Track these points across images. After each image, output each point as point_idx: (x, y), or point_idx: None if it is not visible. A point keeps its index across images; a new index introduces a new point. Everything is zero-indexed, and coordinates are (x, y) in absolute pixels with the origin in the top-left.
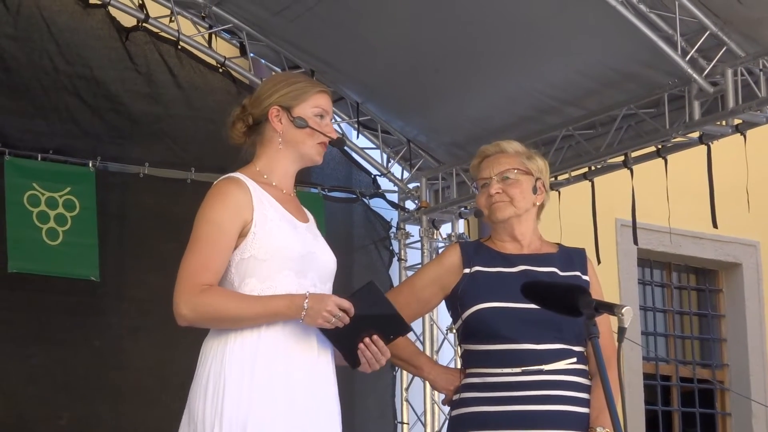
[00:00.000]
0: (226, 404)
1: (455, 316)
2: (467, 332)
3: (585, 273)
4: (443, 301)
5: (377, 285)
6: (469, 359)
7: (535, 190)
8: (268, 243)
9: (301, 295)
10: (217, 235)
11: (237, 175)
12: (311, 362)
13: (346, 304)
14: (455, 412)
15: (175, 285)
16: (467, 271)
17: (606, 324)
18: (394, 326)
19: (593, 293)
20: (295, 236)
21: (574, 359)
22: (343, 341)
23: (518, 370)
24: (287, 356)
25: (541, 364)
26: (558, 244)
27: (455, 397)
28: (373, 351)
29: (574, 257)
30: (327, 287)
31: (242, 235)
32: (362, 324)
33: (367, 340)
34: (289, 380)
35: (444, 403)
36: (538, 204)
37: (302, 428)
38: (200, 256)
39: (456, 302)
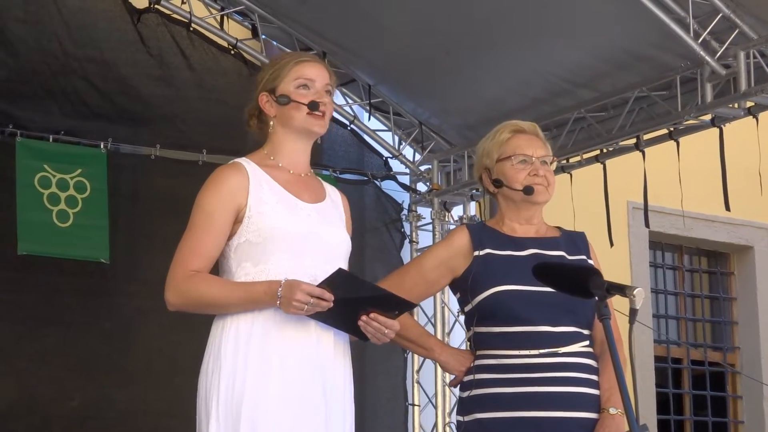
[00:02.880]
0: (221, 391)
1: (465, 299)
2: (482, 315)
3: (589, 257)
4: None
5: (347, 271)
6: (483, 341)
7: None
8: (262, 226)
9: (278, 282)
10: (207, 222)
11: (240, 160)
12: (307, 342)
13: (317, 290)
14: (468, 394)
15: (168, 271)
16: (478, 253)
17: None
18: (393, 304)
19: None
20: (291, 217)
21: (587, 342)
22: (339, 324)
23: (535, 352)
24: (281, 337)
25: (557, 347)
26: (558, 227)
27: (466, 378)
28: (374, 326)
29: (577, 241)
30: (335, 267)
31: (238, 220)
32: (351, 305)
33: (364, 317)
34: (284, 362)
35: (452, 384)
36: None
37: (298, 410)
38: (190, 243)
39: (467, 285)
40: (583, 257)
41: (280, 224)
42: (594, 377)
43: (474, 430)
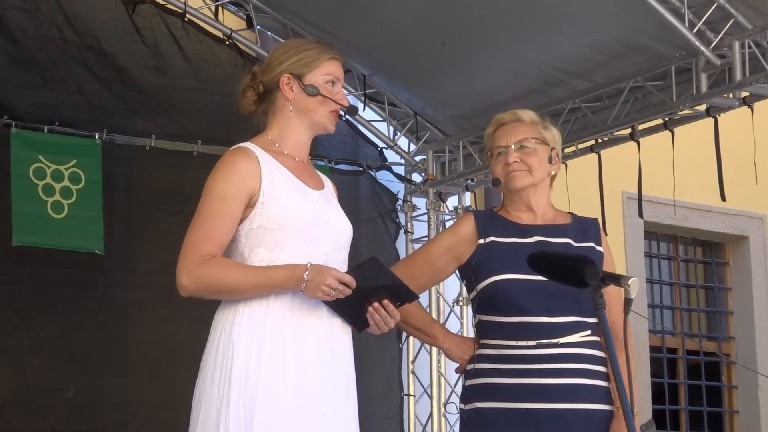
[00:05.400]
0: (234, 378)
1: (470, 287)
2: (482, 303)
3: (599, 244)
4: (456, 271)
5: (380, 260)
6: (484, 330)
7: (550, 160)
8: (277, 212)
9: (303, 267)
10: (220, 207)
11: (247, 144)
12: (321, 331)
13: (347, 278)
14: (469, 382)
15: (179, 256)
16: (482, 241)
17: (618, 301)
18: (400, 294)
19: (606, 264)
20: (304, 204)
21: (589, 332)
22: (346, 310)
23: (533, 343)
24: (296, 326)
25: (555, 337)
26: (571, 213)
27: (469, 367)
28: (382, 315)
29: (588, 228)
30: (342, 255)
31: (250, 205)
32: (366, 294)
33: (376, 304)
34: (299, 351)
35: (457, 372)
36: (552, 174)
37: (313, 401)
38: (203, 228)
39: (471, 273)
40: (591, 244)
41: (295, 211)
42: (598, 368)
43: (472, 419)
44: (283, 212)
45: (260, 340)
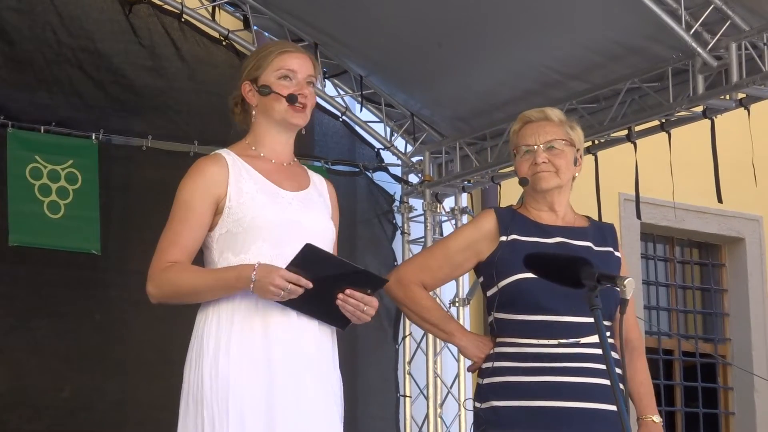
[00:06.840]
0: (205, 379)
1: (489, 284)
2: (503, 301)
3: (617, 249)
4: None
5: (315, 246)
6: (503, 328)
7: (575, 162)
8: (242, 216)
9: (250, 266)
10: (185, 213)
11: (220, 151)
12: (291, 329)
13: (294, 277)
14: (487, 381)
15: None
16: (504, 238)
17: (631, 310)
18: (363, 280)
19: (623, 269)
20: (271, 206)
21: (608, 333)
22: (313, 309)
23: (555, 341)
24: (265, 325)
25: (578, 337)
26: (587, 217)
27: (486, 365)
28: (353, 304)
29: (606, 233)
30: None
31: (219, 211)
32: (328, 288)
33: (341, 296)
34: (269, 350)
35: (470, 370)
36: (576, 175)
37: (287, 396)
38: (169, 234)
39: (492, 270)
40: (610, 249)
41: (260, 213)
42: (616, 370)
43: (489, 418)
44: (247, 215)
45: (228, 343)
